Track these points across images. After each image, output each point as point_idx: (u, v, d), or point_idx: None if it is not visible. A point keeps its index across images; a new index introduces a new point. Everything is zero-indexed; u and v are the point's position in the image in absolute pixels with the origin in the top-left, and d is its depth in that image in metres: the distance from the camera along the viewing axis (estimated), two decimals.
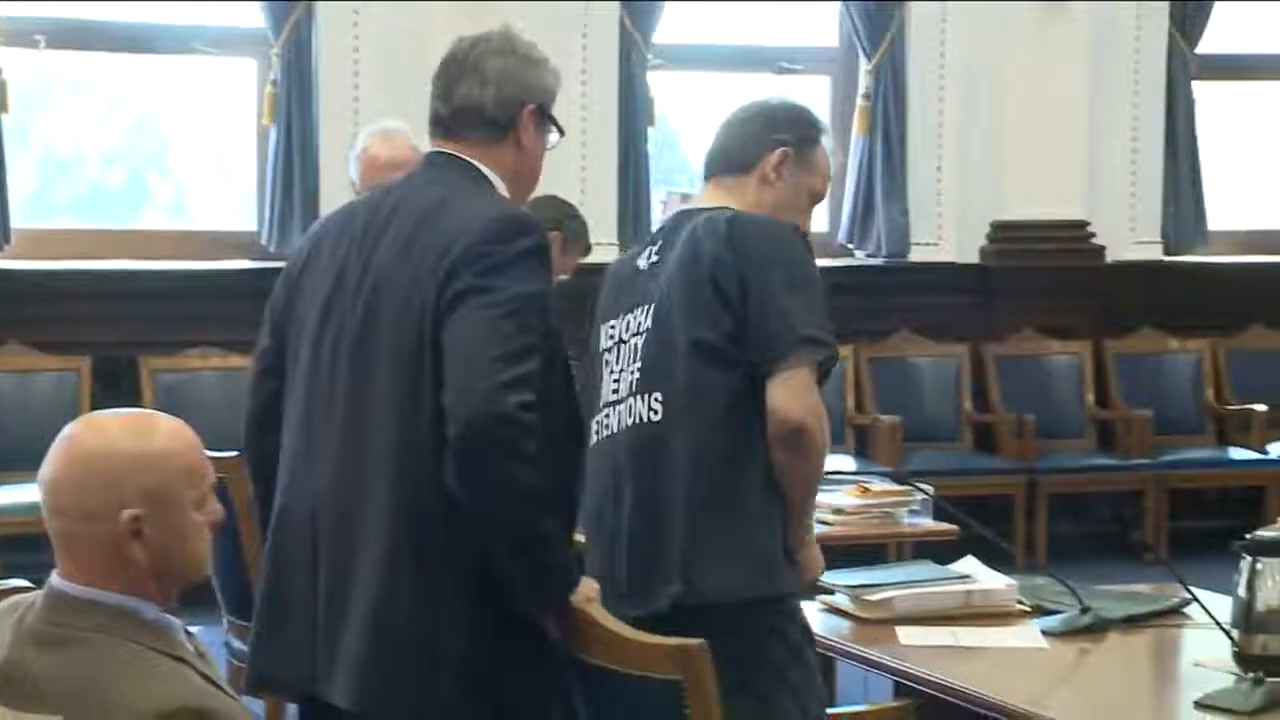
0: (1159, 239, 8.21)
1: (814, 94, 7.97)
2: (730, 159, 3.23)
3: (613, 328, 3.18)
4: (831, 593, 3.59)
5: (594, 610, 2.66)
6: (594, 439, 3.10)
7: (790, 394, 2.97)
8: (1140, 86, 8.14)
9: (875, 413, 7.52)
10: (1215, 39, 8.30)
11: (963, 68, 7.82)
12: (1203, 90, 8.29)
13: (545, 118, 2.85)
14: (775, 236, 3.08)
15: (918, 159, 7.82)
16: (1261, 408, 7.89)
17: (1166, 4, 8.09)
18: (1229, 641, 2.97)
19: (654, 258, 3.17)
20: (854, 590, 3.53)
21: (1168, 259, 8.24)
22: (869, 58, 7.74)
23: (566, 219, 5.13)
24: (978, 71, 7.81)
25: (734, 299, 3.00)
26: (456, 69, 2.82)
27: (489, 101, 2.79)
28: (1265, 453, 7.79)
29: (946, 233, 7.88)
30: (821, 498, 4.60)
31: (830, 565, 3.65)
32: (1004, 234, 7.89)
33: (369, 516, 2.67)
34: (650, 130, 7.60)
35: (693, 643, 2.56)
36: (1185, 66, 8.18)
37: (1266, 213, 8.83)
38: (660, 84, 7.69)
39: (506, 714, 2.68)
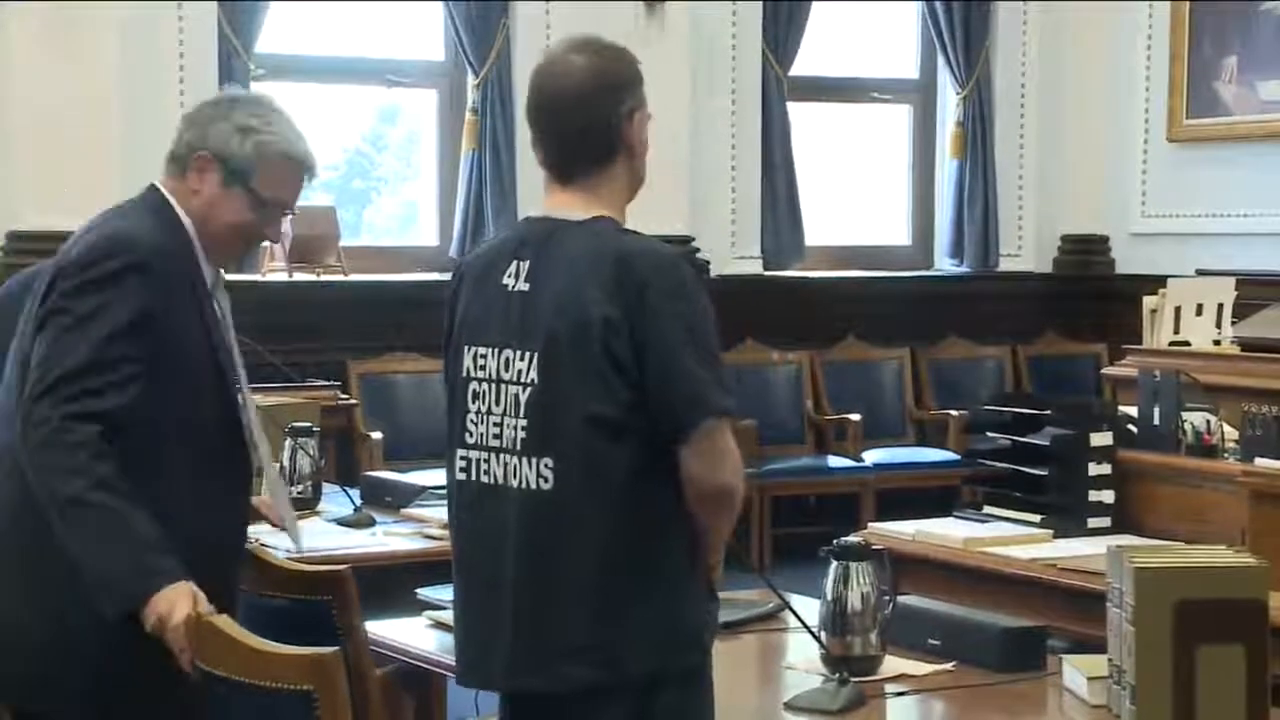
0: (759, 254, 8.49)
1: (424, 106, 7.97)
2: (591, 151, 2.71)
3: (484, 358, 2.73)
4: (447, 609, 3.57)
5: (218, 620, 2.63)
6: (465, 476, 2.75)
7: (712, 462, 2.64)
8: (738, 107, 8.40)
9: None
10: (806, 62, 8.62)
11: None
12: (797, 111, 8.60)
13: (231, 174, 2.89)
14: (668, 279, 2.64)
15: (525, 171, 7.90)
16: (856, 417, 8.22)
17: (759, 28, 8.36)
18: (818, 644, 3.07)
19: (525, 283, 2.70)
20: None
21: (768, 273, 8.51)
22: (477, 71, 7.78)
23: None
24: None
25: (630, 366, 2.61)
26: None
27: (177, 139, 2.96)
28: (860, 460, 8.12)
29: None
30: (421, 511, 4.60)
31: (440, 580, 3.64)
32: None
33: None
34: None
35: (325, 652, 2.54)
36: (780, 88, 8.48)
37: (857, 229, 9.23)
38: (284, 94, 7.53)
39: None
